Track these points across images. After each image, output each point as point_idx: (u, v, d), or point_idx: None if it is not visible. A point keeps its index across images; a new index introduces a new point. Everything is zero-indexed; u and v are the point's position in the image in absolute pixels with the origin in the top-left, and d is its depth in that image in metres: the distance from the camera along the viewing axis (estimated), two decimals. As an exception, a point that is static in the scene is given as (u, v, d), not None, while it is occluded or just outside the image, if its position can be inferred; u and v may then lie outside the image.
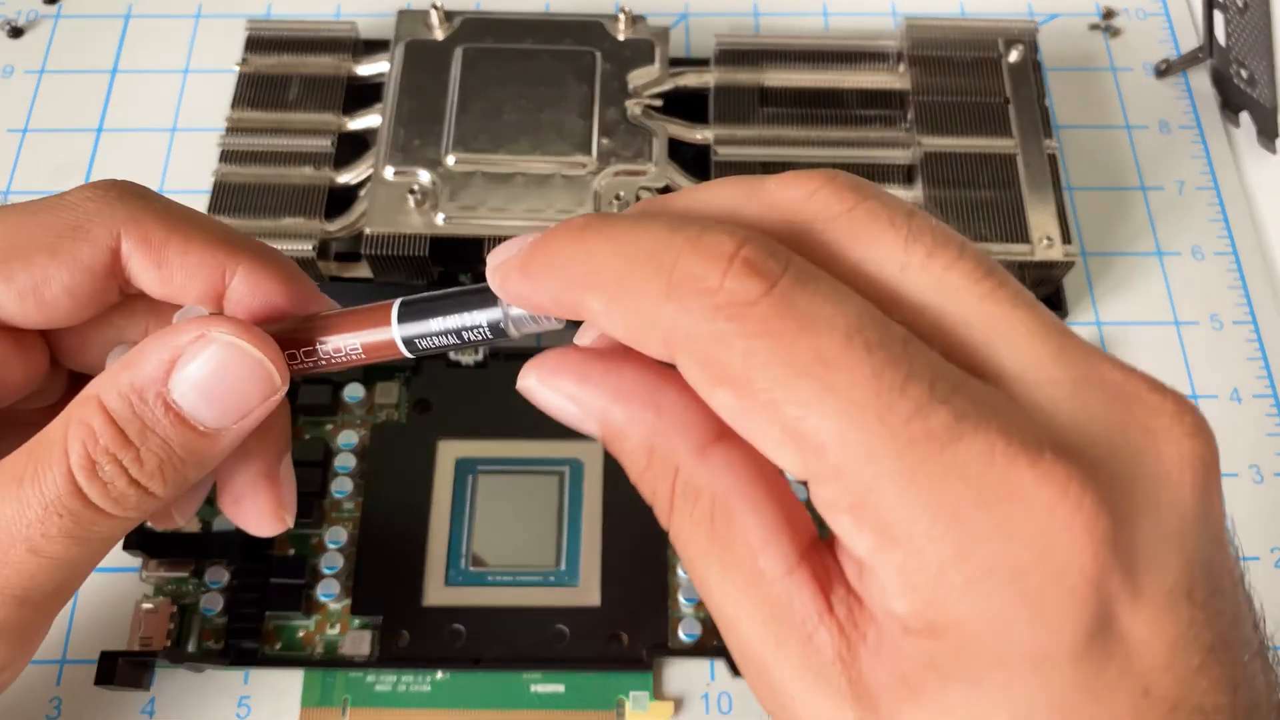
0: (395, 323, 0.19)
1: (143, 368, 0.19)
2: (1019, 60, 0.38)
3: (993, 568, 0.13)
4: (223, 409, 0.19)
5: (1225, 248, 0.40)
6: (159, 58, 0.44)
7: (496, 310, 0.19)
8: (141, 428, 0.19)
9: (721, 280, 0.14)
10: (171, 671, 0.32)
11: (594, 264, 0.16)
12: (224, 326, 0.19)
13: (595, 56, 0.38)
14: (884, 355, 0.14)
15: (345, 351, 0.20)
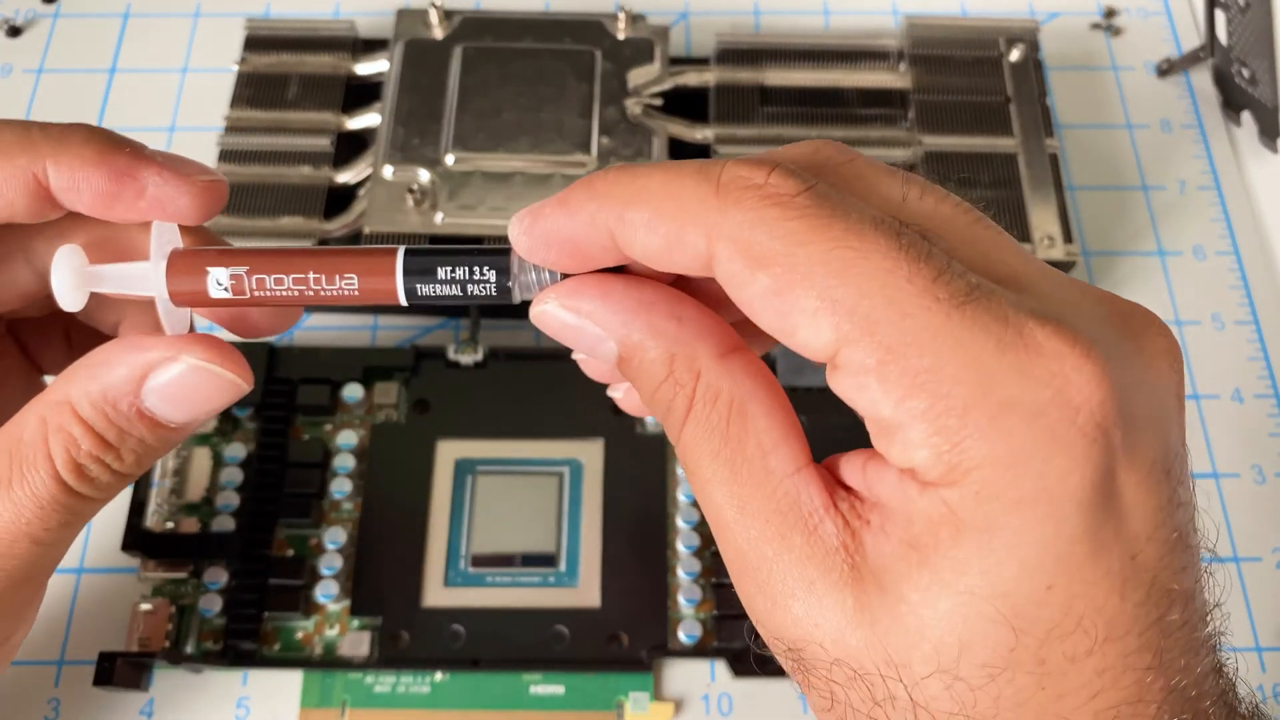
0: (400, 264, 0.19)
1: (113, 379, 0.20)
2: (1020, 59, 0.38)
3: (1013, 404, 0.15)
4: (192, 412, 0.20)
5: (1227, 247, 0.40)
6: (157, 57, 0.43)
7: (506, 265, 0.19)
8: (119, 433, 0.20)
9: (766, 179, 0.16)
10: (170, 672, 0.32)
11: (640, 184, 0.17)
12: (195, 351, 0.20)
13: (595, 55, 0.38)
14: (907, 239, 0.16)
15: (340, 286, 0.20)
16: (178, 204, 0.20)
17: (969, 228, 0.17)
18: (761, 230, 0.16)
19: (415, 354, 0.35)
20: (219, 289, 0.20)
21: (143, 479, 0.33)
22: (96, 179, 0.20)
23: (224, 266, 0.19)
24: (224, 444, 0.34)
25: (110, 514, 0.34)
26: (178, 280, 0.20)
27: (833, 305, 0.15)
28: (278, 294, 0.20)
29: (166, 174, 0.20)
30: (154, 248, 0.20)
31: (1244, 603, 0.34)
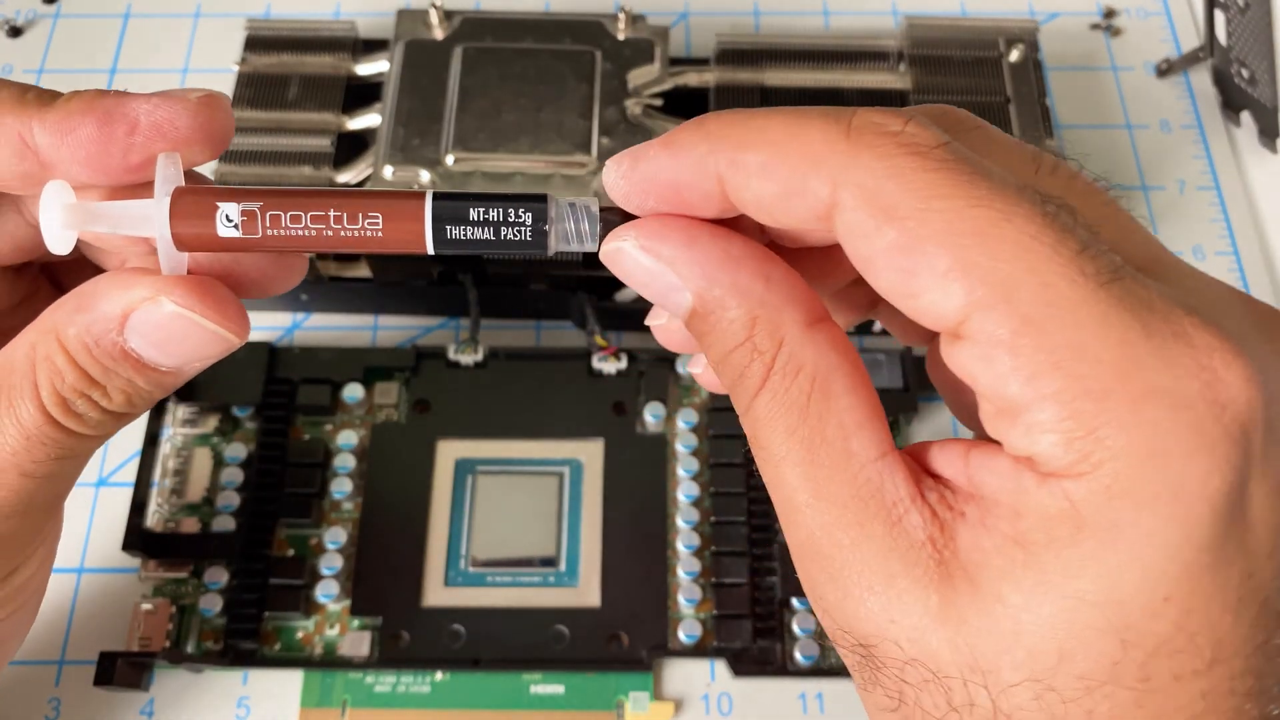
0: (429, 205, 0.18)
1: (96, 314, 0.19)
2: (1020, 60, 0.38)
3: (1159, 393, 0.14)
4: (178, 358, 0.19)
5: (1226, 247, 0.40)
6: (158, 57, 0.43)
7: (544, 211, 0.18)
8: (103, 369, 0.19)
9: (904, 126, 0.15)
10: (170, 672, 0.32)
11: (758, 124, 0.16)
12: (175, 293, 0.18)
13: (595, 56, 0.38)
14: (1052, 208, 0.14)
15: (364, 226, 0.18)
16: (176, 125, 0.19)
17: (1105, 207, 0.16)
18: (895, 181, 0.15)
19: (416, 354, 0.35)
20: (228, 227, 0.18)
21: (143, 479, 0.33)
22: (85, 127, 0.18)
23: (235, 202, 0.18)
24: (224, 444, 0.34)
25: (111, 514, 0.34)
26: (183, 219, 0.18)
27: (967, 267, 0.14)
28: (294, 234, 0.18)
29: (156, 99, 0.19)
30: (158, 182, 0.18)
31: None
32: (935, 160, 0.15)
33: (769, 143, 0.16)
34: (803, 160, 0.15)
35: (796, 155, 0.15)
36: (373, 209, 0.18)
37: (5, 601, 0.23)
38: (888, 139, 0.15)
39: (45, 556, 0.24)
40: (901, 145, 0.15)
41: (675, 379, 0.36)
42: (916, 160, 0.15)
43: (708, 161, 0.16)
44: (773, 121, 0.16)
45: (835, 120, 0.15)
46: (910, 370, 0.35)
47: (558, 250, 0.18)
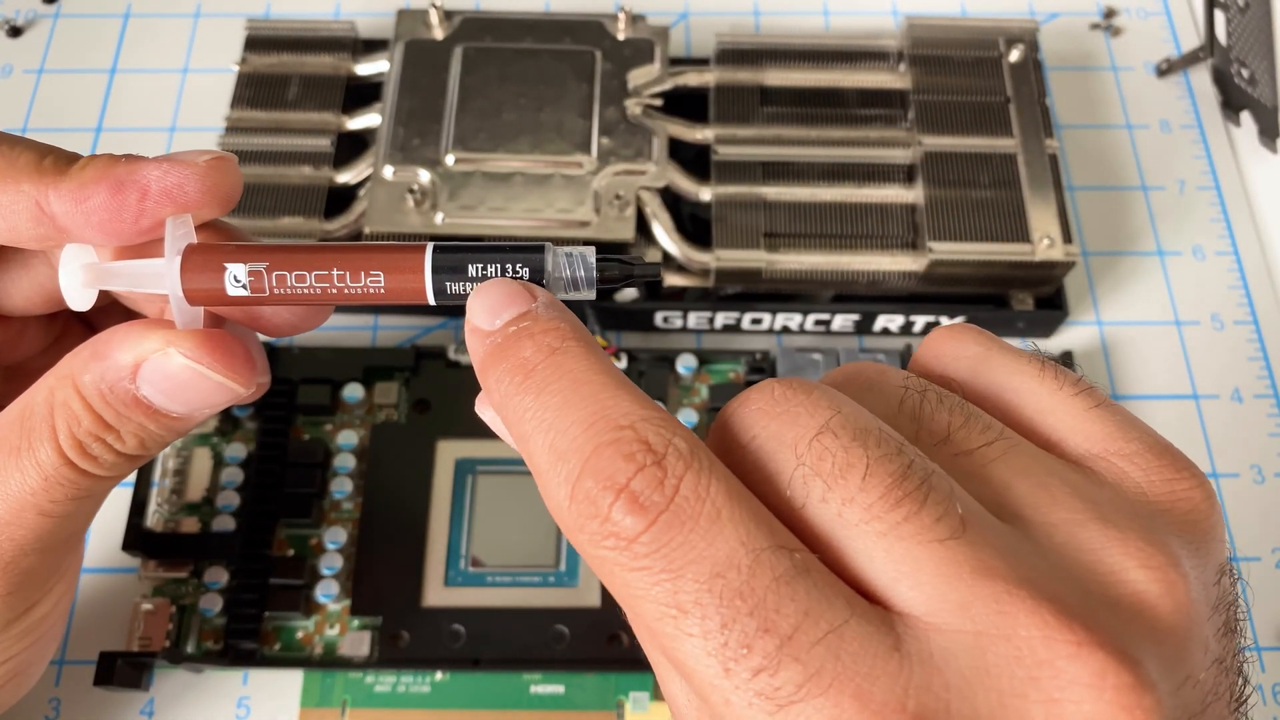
0: (429, 260, 0.18)
1: (110, 363, 0.20)
2: (1020, 59, 0.38)
3: None
4: (187, 406, 0.20)
5: (1226, 247, 0.40)
6: (158, 57, 0.43)
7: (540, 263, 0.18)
8: (117, 415, 0.20)
9: (609, 510, 0.14)
10: (170, 672, 0.32)
11: (529, 427, 0.16)
12: (184, 346, 0.19)
13: (595, 56, 0.38)
14: (740, 603, 0.13)
15: (365, 284, 0.19)
16: (185, 190, 0.19)
17: (987, 447, 0.15)
18: (603, 571, 0.15)
19: (416, 354, 0.35)
20: (236, 286, 0.19)
21: (143, 478, 0.33)
22: (98, 195, 0.19)
23: (242, 262, 0.19)
24: (224, 444, 0.34)
25: (111, 514, 0.34)
26: (193, 277, 0.19)
27: (675, 667, 0.14)
28: (299, 292, 0.19)
29: (166, 165, 0.20)
30: (168, 243, 0.19)
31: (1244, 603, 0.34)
32: (632, 557, 0.14)
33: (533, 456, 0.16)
34: (546, 493, 0.16)
35: (544, 485, 0.16)
36: (374, 266, 0.18)
37: (25, 634, 0.23)
38: (596, 525, 0.15)
39: (64, 591, 0.24)
40: (606, 536, 0.14)
41: (675, 379, 0.36)
42: (617, 555, 0.14)
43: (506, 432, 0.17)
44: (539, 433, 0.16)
45: (565, 479, 0.15)
46: (910, 370, 0.35)
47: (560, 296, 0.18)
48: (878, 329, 0.38)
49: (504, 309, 0.17)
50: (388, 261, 0.18)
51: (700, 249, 0.35)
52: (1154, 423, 0.38)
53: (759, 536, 0.14)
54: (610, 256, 0.18)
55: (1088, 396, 0.17)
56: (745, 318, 0.37)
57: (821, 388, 0.16)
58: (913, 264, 0.35)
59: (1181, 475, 0.16)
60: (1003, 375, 0.18)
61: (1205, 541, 0.16)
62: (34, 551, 0.21)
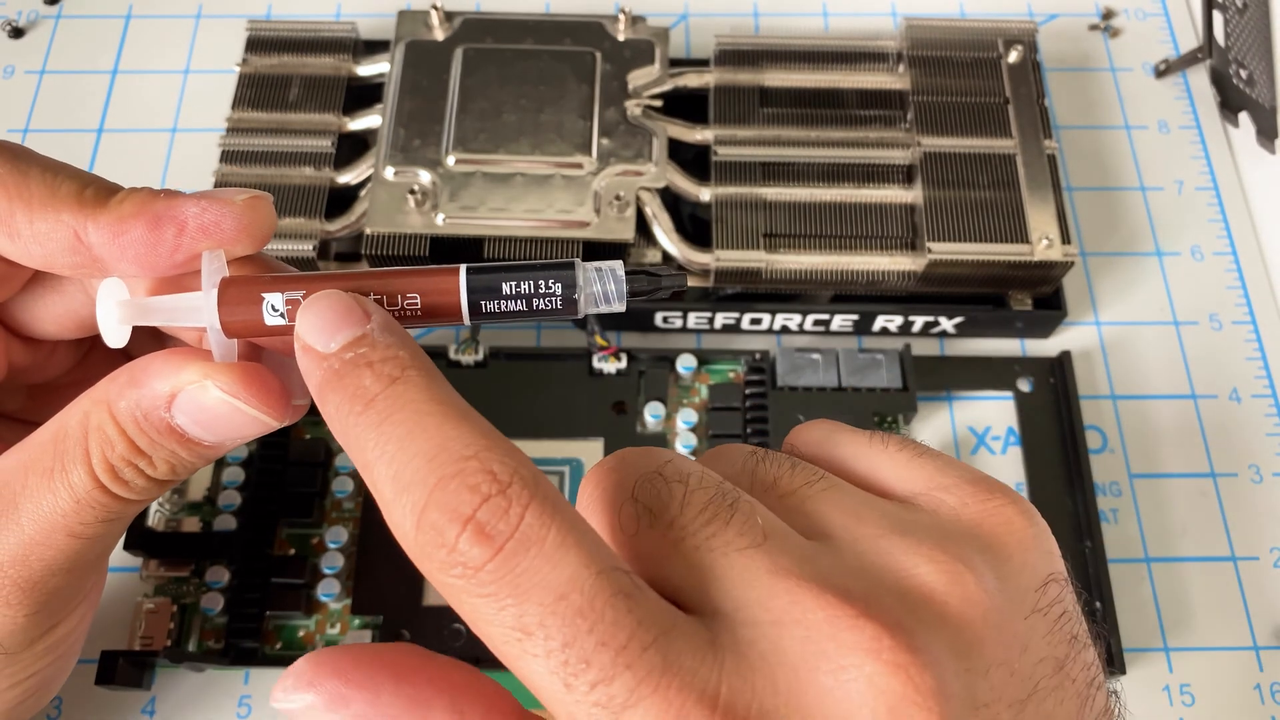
0: (464, 282, 0.19)
1: (146, 391, 0.20)
2: (1018, 60, 0.38)
3: None
4: (220, 436, 0.20)
5: (1224, 248, 0.40)
6: (159, 58, 0.44)
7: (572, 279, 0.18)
8: (150, 442, 0.20)
9: (456, 541, 0.15)
10: (172, 671, 0.32)
11: (374, 453, 0.16)
12: (221, 379, 0.19)
13: (595, 57, 0.38)
14: (580, 622, 0.15)
15: (403, 307, 0.19)
16: (222, 228, 0.20)
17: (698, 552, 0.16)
18: (453, 599, 0.15)
19: (416, 354, 0.35)
20: (274, 316, 0.19)
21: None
22: (136, 230, 0.20)
23: (279, 292, 0.19)
24: (226, 444, 0.34)
25: (113, 513, 0.34)
26: (231, 309, 0.19)
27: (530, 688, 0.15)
28: None
29: (204, 202, 0.20)
30: (205, 276, 0.19)
31: (1241, 602, 0.34)
32: (478, 584, 0.15)
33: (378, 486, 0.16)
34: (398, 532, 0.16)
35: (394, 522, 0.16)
36: (411, 290, 0.19)
37: (48, 652, 0.24)
38: (443, 555, 0.15)
39: (87, 610, 0.25)
40: (453, 565, 0.15)
41: (675, 379, 0.36)
42: (464, 583, 0.15)
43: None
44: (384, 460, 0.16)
45: (411, 508, 0.15)
46: (909, 370, 0.35)
47: (587, 312, 0.19)
48: (876, 329, 0.38)
49: (338, 330, 0.18)
50: (424, 285, 0.19)
51: (700, 249, 0.35)
52: (1153, 422, 0.38)
53: (599, 559, 0.15)
54: (638, 269, 0.19)
55: (910, 449, 0.19)
56: (745, 318, 0.37)
57: (667, 453, 0.18)
58: (911, 264, 0.35)
59: (994, 496, 0.18)
60: (840, 447, 0.20)
61: (1018, 552, 0.17)
62: (62, 572, 0.21)
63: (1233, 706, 0.32)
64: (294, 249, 0.35)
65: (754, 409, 0.35)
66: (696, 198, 0.36)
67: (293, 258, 0.35)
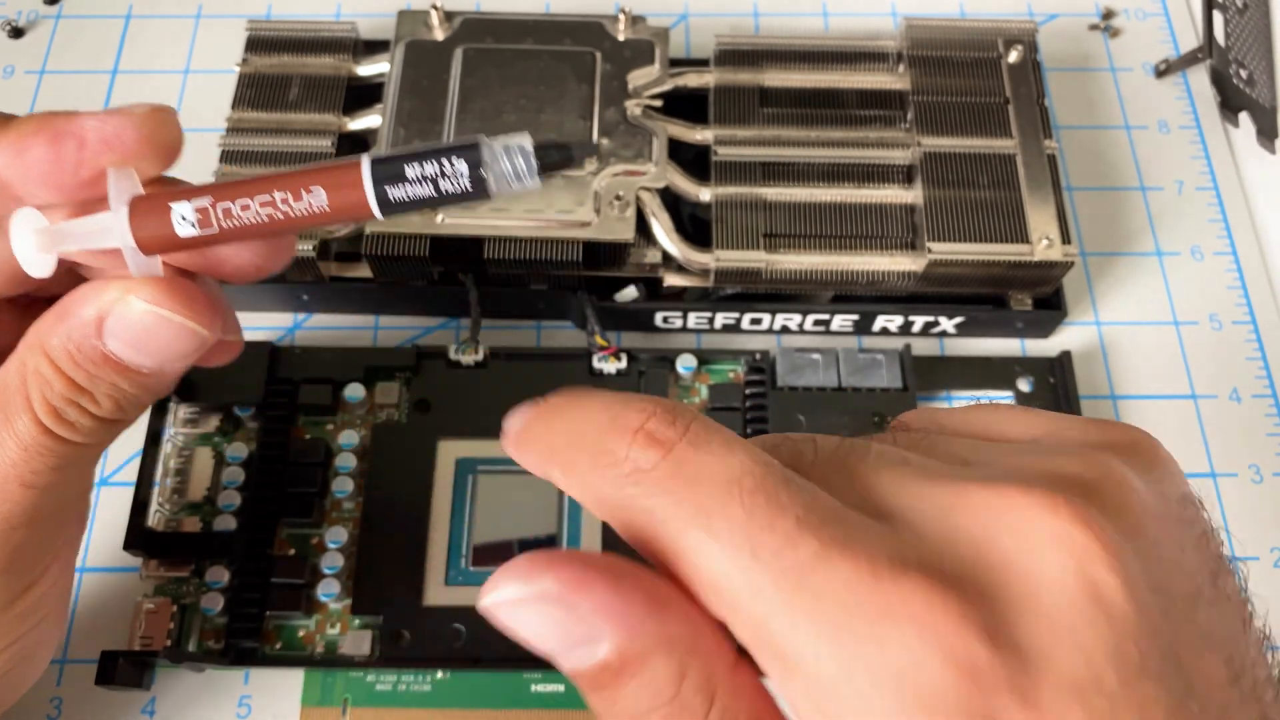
0: (367, 170, 0.18)
1: (74, 321, 0.19)
2: (1019, 60, 0.38)
3: (876, 677, 0.14)
4: (156, 358, 0.20)
5: (1225, 248, 0.40)
6: (159, 58, 0.44)
7: (477, 157, 0.18)
8: (89, 376, 0.20)
9: (627, 451, 0.15)
10: (172, 671, 0.32)
11: (552, 441, 0.17)
12: (142, 291, 0.19)
13: (595, 57, 0.38)
14: (758, 498, 0.15)
15: (309, 203, 0.19)
16: (123, 139, 0.19)
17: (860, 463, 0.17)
18: (628, 509, 0.15)
19: (416, 354, 0.35)
20: (186, 225, 0.19)
21: (144, 478, 0.33)
22: (37, 147, 0.19)
23: (187, 200, 0.19)
24: (226, 443, 0.34)
25: (112, 513, 0.34)
26: (142, 223, 0.19)
27: (702, 585, 0.15)
28: (247, 222, 0.19)
29: (104, 115, 0.19)
30: (112, 193, 0.19)
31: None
32: (652, 483, 0.15)
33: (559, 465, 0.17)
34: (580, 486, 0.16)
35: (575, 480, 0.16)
36: (314, 183, 0.18)
37: (26, 615, 0.23)
38: (616, 470, 0.15)
39: (61, 571, 0.24)
40: (626, 476, 0.15)
41: (675, 379, 0.36)
42: (639, 489, 0.15)
43: (539, 469, 0.17)
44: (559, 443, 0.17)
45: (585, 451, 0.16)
46: (910, 370, 0.35)
47: (500, 193, 0.18)
48: (876, 329, 0.38)
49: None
50: (327, 178, 0.19)
51: (700, 249, 0.35)
52: (1152, 423, 0.38)
53: (764, 457, 0.15)
54: (548, 142, 0.18)
55: (1021, 408, 0.20)
56: (745, 318, 0.37)
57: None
58: (912, 264, 0.35)
59: (1118, 425, 0.18)
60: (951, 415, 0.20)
61: (1155, 464, 0.17)
62: (22, 525, 0.21)
63: (1233, 706, 0.32)
64: (295, 249, 0.35)
65: (754, 409, 0.35)
66: (696, 198, 0.36)
67: (293, 258, 0.35)
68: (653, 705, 0.15)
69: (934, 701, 0.13)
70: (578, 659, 0.15)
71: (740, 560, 0.14)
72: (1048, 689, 0.14)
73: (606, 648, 0.15)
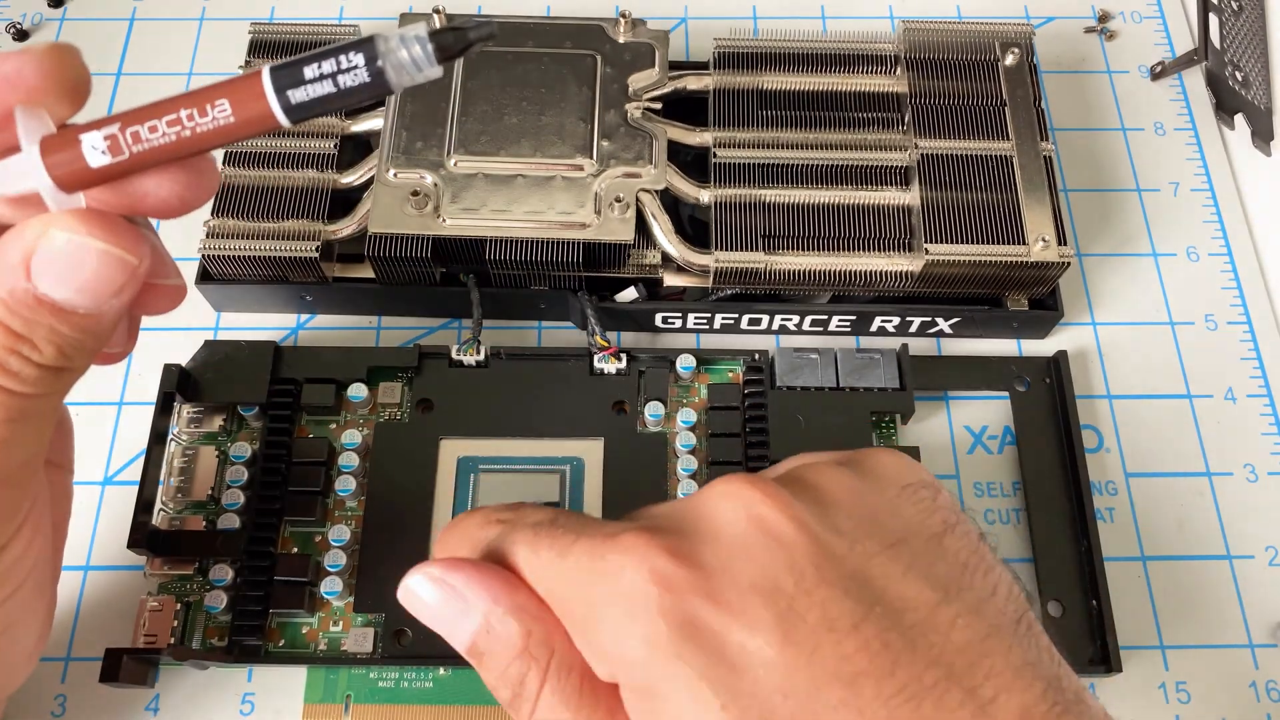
0: (267, 76, 0.18)
1: (2, 267, 0.19)
2: (1015, 63, 0.39)
3: (609, 600, 0.19)
4: (92, 295, 0.20)
5: (1220, 249, 0.41)
6: (163, 60, 0.44)
7: (373, 50, 0.18)
8: (25, 321, 0.19)
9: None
10: (176, 668, 0.32)
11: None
12: (62, 222, 0.19)
13: (596, 60, 0.38)
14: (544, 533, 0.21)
15: (214, 117, 0.19)
16: (24, 75, 0.19)
17: None
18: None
19: (419, 354, 0.36)
20: (98, 155, 0.19)
21: (149, 477, 0.33)
22: None
23: (95, 130, 0.19)
24: (230, 442, 0.35)
25: (117, 512, 0.34)
26: (54, 159, 0.19)
27: None
28: (157, 143, 0.19)
29: (3, 56, 0.19)
30: (22, 135, 0.19)
31: (1237, 601, 0.34)
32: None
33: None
34: None
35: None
36: (218, 96, 0.19)
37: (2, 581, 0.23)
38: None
39: (34, 534, 0.23)
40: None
41: (675, 379, 0.36)
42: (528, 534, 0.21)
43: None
44: None
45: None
46: (907, 369, 0.35)
47: (403, 85, 0.18)
48: (874, 329, 0.38)
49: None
50: (230, 90, 0.19)
51: (699, 250, 0.36)
52: (1149, 422, 0.38)
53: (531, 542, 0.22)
54: (443, 28, 0.18)
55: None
56: (744, 318, 0.37)
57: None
58: (909, 265, 0.36)
59: (852, 451, 0.22)
60: None
61: (877, 465, 0.21)
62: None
63: (1228, 704, 0.33)
64: (296, 250, 0.35)
65: (753, 408, 0.35)
66: (696, 200, 0.37)
67: (295, 259, 0.35)
68: (509, 657, 0.20)
69: (647, 608, 0.18)
70: (462, 632, 0.20)
71: (538, 559, 0.20)
72: (730, 590, 0.18)
73: (477, 616, 0.20)
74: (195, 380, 0.35)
